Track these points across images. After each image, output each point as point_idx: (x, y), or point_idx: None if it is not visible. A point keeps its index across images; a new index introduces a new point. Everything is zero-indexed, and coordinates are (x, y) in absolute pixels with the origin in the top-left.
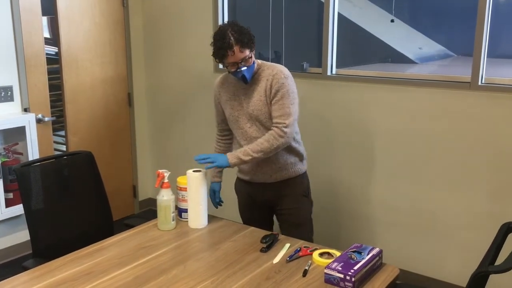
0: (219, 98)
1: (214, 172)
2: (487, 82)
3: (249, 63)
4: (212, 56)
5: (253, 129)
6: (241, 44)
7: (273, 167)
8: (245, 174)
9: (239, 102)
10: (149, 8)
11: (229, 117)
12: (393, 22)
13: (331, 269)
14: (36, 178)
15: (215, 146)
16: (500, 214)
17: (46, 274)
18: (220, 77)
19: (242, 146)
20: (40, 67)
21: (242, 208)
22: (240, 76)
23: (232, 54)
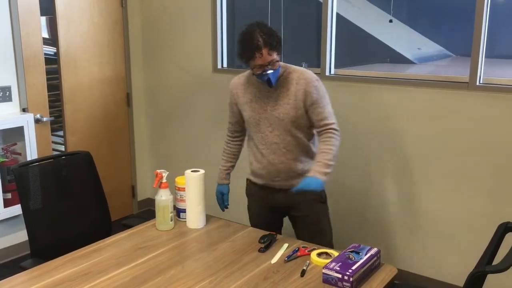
0: (237, 99)
1: (222, 174)
2: (485, 82)
3: (275, 66)
4: (238, 56)
5: (274, 134)
6: (270, 47)
7: (291, 174)
8: (261, 179)
9: (262, 105)
10: (148, 8)
11: (248, 120)
12: (392, 22)
13: (329, 269)
14: (34, 178)
15: (224, 147)
16: (498, 214)
17: (44, 274)
18: (237, 78)
19: (260, 150)
20: (38, 67)
21: (252, 212)
22: (265, 80)
23: (260, 57)
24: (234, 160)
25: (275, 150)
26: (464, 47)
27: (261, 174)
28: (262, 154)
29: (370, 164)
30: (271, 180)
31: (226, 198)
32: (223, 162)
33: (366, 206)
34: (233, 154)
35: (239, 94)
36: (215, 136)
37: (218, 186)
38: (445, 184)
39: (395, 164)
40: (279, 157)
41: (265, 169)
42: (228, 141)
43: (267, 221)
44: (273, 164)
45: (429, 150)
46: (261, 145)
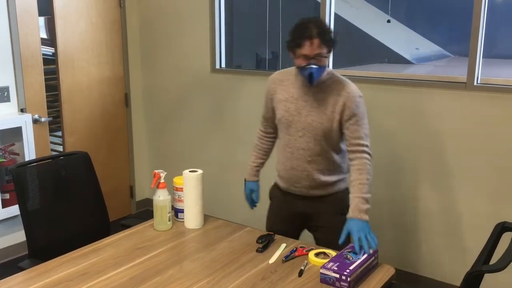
0: (273, 94)
1: (252, 171)
2: (482, 82)
3: (321, 63)
4: (287, 45)
5: (304, 139)
6: (321, 39)
7: (313, 184)
8: (282, 182)
9: (297, 107)
10: (146, 9)
11: (280, 119)
12: (390, 22)
13: (326, 269)
14: (32, 178)
15: (256, 143)
16: (496, 214)
17: (42, 274)
18: (278, 73)
19: (286, 152)
20: (36, 67)
21: (272, 216)
22: (306, 74)
23: (309, 45)
24: (265, 157)
25: (300, 157)
26: (462, 48)
27: (284, 177)
28: (287, 157)
29: None
30: (292, 185)
31: (256, 196)
32: (254, 158)
33: None
34: (264, 150)
35: (277, 90)
36: (213, 136)
37: (247, 183)
38: (443, 184)
39: (391, 163)
40: (303, 164)
41: (287, 173)
42: (260, 136)
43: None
44: (295, 169)
45: (427, 150)
46: (288, 148)
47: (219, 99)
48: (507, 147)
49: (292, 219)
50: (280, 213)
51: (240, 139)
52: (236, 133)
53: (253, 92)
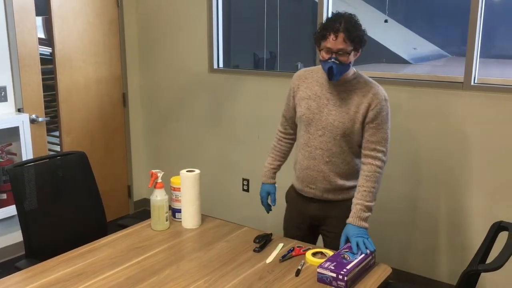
0: (296, 91)
1: (269, 173)
2: (479, 82)
3: (345, 59)
4: (313, 37)
5: (323, 139)
6: (347, 35)
7: (327, 187)
8: (298, 183)
9: (319, 105)
10: (144, 8)
11: (301, 117)
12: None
13: (323, 269)
14: (29, 178)
15: (274, 144)
16: (493, 213)
17: (39, 274)
18: (303, 70)
19: (304, 151)
20: (34, 67)
21: (287, 221)
22: (327, 68)
23: (333, 39)
24: (283, 159)
25: (318, 157)
26: (460, 47)
27: (299, 177)
28: (304, 156)
29: None
30: (307, 186)
31: (274, 198)
32: (271, 159)
33: None
34: (282, 152)
35: (300, 87)
36: (211, 136)
37: (263, 185)
38: (440, 183)
39: (390, 163)
40: (319, 164)
41: (303, 172)
42: (279, 137)
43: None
44: (311, 170)
45: (424, 149)
46: (306, 147)
47: (216, 99)
48: (504, 146)
49: (304, 223)
50: (293, 217)
51: (238, 139)
52: (234, 133)
53: (251, 92)
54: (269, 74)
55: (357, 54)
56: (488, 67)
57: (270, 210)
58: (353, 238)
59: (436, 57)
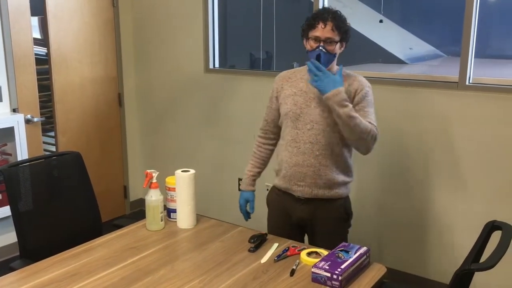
0: (280, 91)
1: (248, 180)
2: (474, 82)
3: (331, 49)
4: (301, 30)
5: (312, 132)
6: (336, 24)
7: (317, 182)
8: (283, 181)
9: (306, 100)
10: (139, 8)
11: (287, 113)
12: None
13: (318, 268)
14: (23, 179)
15: (254, 151)
16: (488, 213)
17: (33, 275)
18: (285, 72)
19: (291, 148)
20: (29, 67)
21: (272, 223)
22: (314, 55)
23: (322, 27)
24: (262, 166)
25: (307, 151)
26: (455, 47)
27: (285, 175)
28: (291, 153)
29: (361, 163)
30: (295, 184)
31: (252, 206)
32: (250, 166)
33: (356, 205)
34: (262, 159)
35: (284, 86)
36: (207, 136)
37: (242, 193)
38: (434, 183)
39: (384, 162)
40: (309, 159)
41: (291, 170)
42: (259, 144)
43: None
44: (301, 165)
45: (418, 149)
46: (294, 143)
47: (212, 99)
48: (498, 146)
49: (289, 223)
50: (278, 220)
51: (234, 139)
52: (230, 133)
53: (247, 92)
54: (265, 74)
55: (342, 47)
56: (483, 67)
57: (248, 217)
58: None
59: (431, 57)
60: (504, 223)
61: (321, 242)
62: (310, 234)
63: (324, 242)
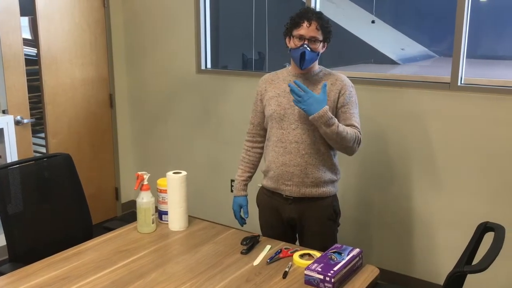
0: (264, 94)
1: (240, 185)
2: (466, 82)
3: (315, 47)
4: (285, 29)
5: (297, 132)
6: (319, 24)
7: (305, 181)
8: (271, 181)
9: (290, 100)
10: (130, 8)
11: (272, 115)
12: (374, 23)
13: (311, 270)
14: (13, 181)
15: (242, 155)
16: (480, 213)
17: (22, 279)
18: (268, 74)
19: (277, 148)
20: (18, 68)
21: (263, 224)
22: (299, 54)
23: (307, 26)
24: (253, 170)
25: (293, 150)
26: (447, 48)
27: (273, 175)
28: (278, 153)
29: (353, 164)
30: (282, 184)
31: (246, 210)
32: (240, 171)
33: (348, 206)
34: (252, 163)
35: (268, 89)
36: (199, 137)
37: (235, 198)
38: (426, 183)
39: (376, 163)
40: (295, 158)
41: (278, 170)
42: (247, 148)
43: (279, 233)
44: (287, 165)
45: (411, 149)
46: (280, 143)
47: (205, 100)
48: (490, 146)
49: (282, 225)
50: (269, 221)
51: (226, 140)
52: (222, 133)
53: (239, 92)
54: (257, 75)
55: (324, 47)
56: (474, 67)
57: (244, 223)
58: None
59: (423, 58)
60: (497, 225)
61: (311, 241)
62: (300, 233)
63: (314, 241)
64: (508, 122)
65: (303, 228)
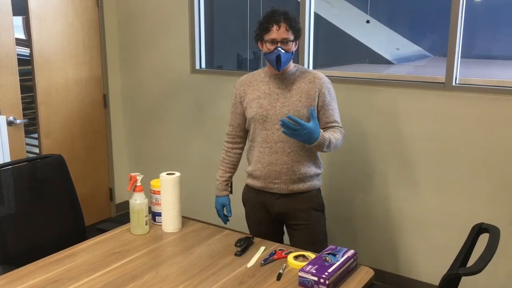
0: (243, 96)
1: (221, 185)
2: (461, 82)
3: (289, 48)
4: (254, 34)
5: (281, 131)
6: (288, 24)
7: (292, 178)
8: (258, 181)
9: (271, 102)
10: (124, 8)
11: (253, 117)
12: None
13: (305, 272)
14: (4, 182)
15: (222, 156)
16: (474, 214)
17: (14, 281)
18: (245, 76)
19: (262, 149)
20: (11, 68)
21: (251, 220)
22: (274, 57)
23: (276, 29)
24: (233, 170)
25: (279, 150)
26: (442, 48)
27: (260, 175)
28: (264, 153)
29: (347, 165)
30: (270, 182)
31: (229, 209)
32: (221, 172)
33: (342, 207)
34: (232, 163)
35: (247, 91)
36: (194, 138)
37: (217, 198)
38: (421, 184)
39: (370, 164)
40: (282, 157)
41: (265, 169)
42: (227, 149)
43: (265, 230)
44: (274, 164)
45: (405, 150)
46: (265, 144)
47: (199, 100)
48: (484, 146)
49: (270, 221)
50: (257, 217)
51: (221, 140)
52: (217, 134)
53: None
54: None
55: (296, 45)
56: (469, 67)
57: (227, 221)
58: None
59: (418, 58)
60: (491, 226)
61: (300, 234)
62: (288, 227)
63: (303, 234)
64: (502, 122)
65: (292, 221)
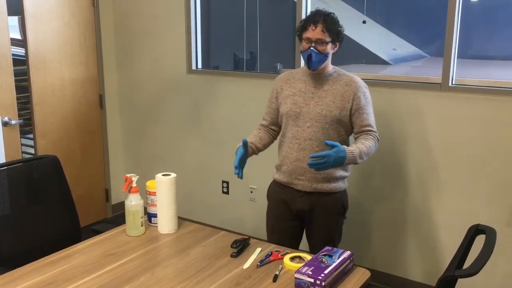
0: (280, 92)
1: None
2: (457, 83)
3: (323, 49)
4: (296, 29)
5: (312, 130)
6: (326, 26)
7: (317, 176)
8: (284, 176)
9: (305, 99)
10: (120, 8)
11: (287, 113)
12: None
13: (301, 274)
14: (0, 183)
15: (253, 131)
16: (472, 214)
17: (8, 284)
18: (284, 73)
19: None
20: (6, 68)
21: (272, 215)
22: (306, 57)
23: (312, 29)
24: (256, 143)
25: (307, 147)
26: (438, 48)
27: (286, 170)
28: (292, 149)
29: None
30: (295, 178)
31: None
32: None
33: None
34: (260, 137)
35: (284, 87)
36: (190, 138)
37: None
38: (417, 184)
39: (368, 165)
40: (309, 154)
41: (292, 165)
42: (259, 127)
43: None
44: (301, 161)
45: (401, 150)
46: (295, 140)
47: (195, 100)
48: (481, 147)
49: (291, 216)
50: (278, 212)
51: (218, 141)
52: (213, 134)
53: (231, 93)
54: (249, 75)
55: (335, 47)
56: (465, 67)
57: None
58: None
59: (415, 58)
60: (488, 227)
61: (317, 233)
62: (307, 225)
63: (320, 233)
64: (499, 122)
65: (311, 220)
